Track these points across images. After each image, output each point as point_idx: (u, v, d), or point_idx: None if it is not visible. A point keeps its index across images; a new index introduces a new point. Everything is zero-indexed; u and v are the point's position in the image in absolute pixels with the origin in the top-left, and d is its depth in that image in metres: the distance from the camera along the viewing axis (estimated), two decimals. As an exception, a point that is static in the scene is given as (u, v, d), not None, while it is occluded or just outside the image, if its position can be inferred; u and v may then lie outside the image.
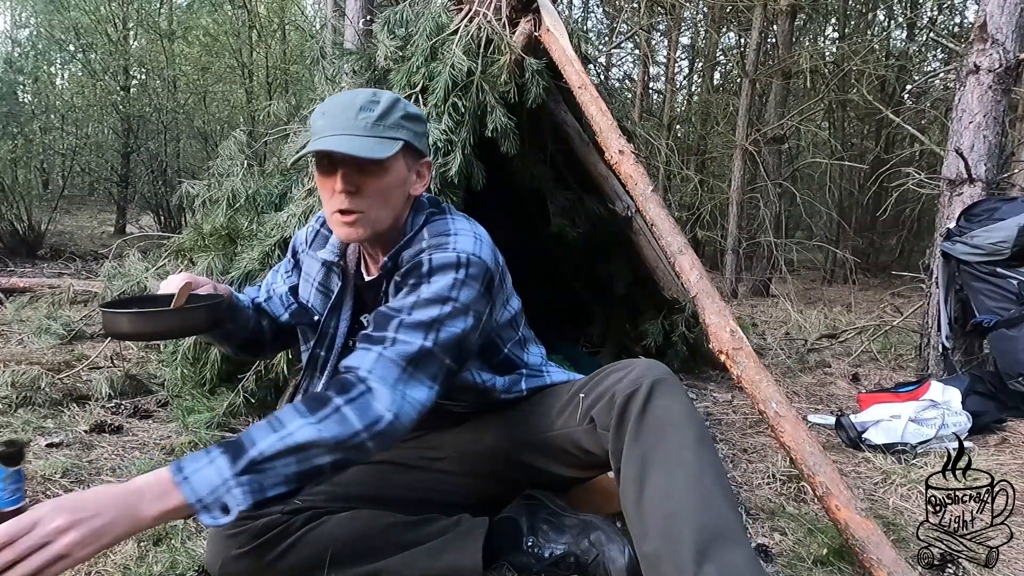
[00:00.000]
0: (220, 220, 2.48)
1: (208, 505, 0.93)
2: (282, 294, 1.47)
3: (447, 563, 1.26)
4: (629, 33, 8.87)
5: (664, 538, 1.01)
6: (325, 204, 1.22)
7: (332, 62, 2.69)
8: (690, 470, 1.04)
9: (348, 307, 1.34)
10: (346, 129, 1.14)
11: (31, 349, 2.99)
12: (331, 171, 1.17)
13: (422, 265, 1.17)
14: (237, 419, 2.21)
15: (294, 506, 1.26)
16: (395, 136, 1.17)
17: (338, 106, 1.18)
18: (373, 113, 1.15)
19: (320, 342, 1.35)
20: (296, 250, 1.47)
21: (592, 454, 1.20)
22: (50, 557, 0.84)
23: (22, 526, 0.85)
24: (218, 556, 1.22)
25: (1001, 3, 2.86)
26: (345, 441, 1.01)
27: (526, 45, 2.44)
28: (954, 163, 2.95)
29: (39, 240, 6.75)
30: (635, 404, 1.10)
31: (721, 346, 1.74)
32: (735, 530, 1.01)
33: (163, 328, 1.25)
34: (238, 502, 0.94)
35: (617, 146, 2.13)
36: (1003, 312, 2.64)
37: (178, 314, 1.24)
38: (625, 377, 1.15)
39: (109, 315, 1.22)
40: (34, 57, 9.05)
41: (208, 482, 0.93)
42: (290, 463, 0.98)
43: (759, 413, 1.64)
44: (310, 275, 1.40)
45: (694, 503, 1.01)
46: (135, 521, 0.90)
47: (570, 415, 1.24)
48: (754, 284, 7.04)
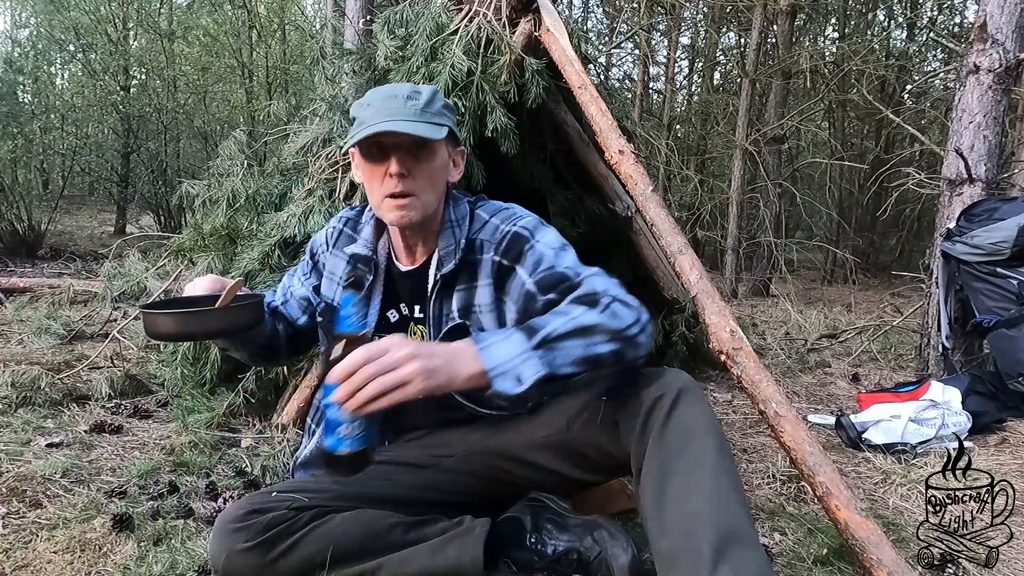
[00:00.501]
0: (220, 220, 2.48)
1: (504, 372, 1.01)
2: (300, 297, 1.48)
3: (449, 559, 1.27)
4: (629, 33, 8.87)
5: (683, 536, 1.03)
6: (374, 191, 1.27)
7: (332, 62, 2.69)
8: (711, 474, 1.06)
9: (377, 302, 1.37)
10: (398, 115, 1.21)
11: (31, 349, 2.99)
12: (381, 158, 1.23)
13: (519, 234, 1.28)
14: (237, 419, 2.21)
15: (301, 503, 1.26)
16: (441, 122, 1.25)
17: (382, 97, 1.25)
18: (419, 101, 1.23)
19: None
20: (314, 252, 1.48)
21: (611, 456, 1.21)
22: (396, 380, 0.95)
23: (378, 349, 0.97)
24: (223, 550, 1.22)
25: (1001, 3, 2.86)
26: (622, 331, 1.10)
27: (526, 45, 2.44)
28: (954, 163, 2.95)
29: (39, 240, 6.75)
30: (662, 409, 1.13)
31: (721, 346, 1.74)
32: (750, 534, 1.04)
33: (211, 327, 1.24)
34: (533, 371, 1.01)
35: (617, 146, 2.13)
36: (1003, 312, 2.64)
37: (224, 313, 1.23)
38: (653, 383, 1.17)
39: (153, 316, 1.21)
40: (34, 57, 9.07)
41: (506, 353, 1.02)
42: (578, 345, 1.06)
43: (759, 413, 1.64)
44: (335, 273, 1.42)
45: (713, 505, 1.04)
46: (453, 376, 1.00)
47: (590, 417, 1.25)
48: (754, 284, 7.04)
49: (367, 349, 0.97)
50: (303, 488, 1.31)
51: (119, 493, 1.64)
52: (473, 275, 1.30)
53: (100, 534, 1.44)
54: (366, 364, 0.96)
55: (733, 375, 1.70)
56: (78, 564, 1.34)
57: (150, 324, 1.22)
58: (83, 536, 1.43)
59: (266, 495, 1.30)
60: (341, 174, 2.36)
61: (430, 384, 0.98)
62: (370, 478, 1.36)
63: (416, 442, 1.45)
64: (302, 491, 1.29)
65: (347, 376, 0.96)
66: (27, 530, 1.46)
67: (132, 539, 1.42)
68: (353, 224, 1.45)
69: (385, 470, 1.39)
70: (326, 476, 1.36)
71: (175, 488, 1.69)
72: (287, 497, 1.27)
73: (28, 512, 1.55)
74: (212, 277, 1.32)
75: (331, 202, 2.30)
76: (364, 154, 1.26)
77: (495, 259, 1.28)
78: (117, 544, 1.41)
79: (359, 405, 0.96)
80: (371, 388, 0.95)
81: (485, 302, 1.30)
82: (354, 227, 1.44)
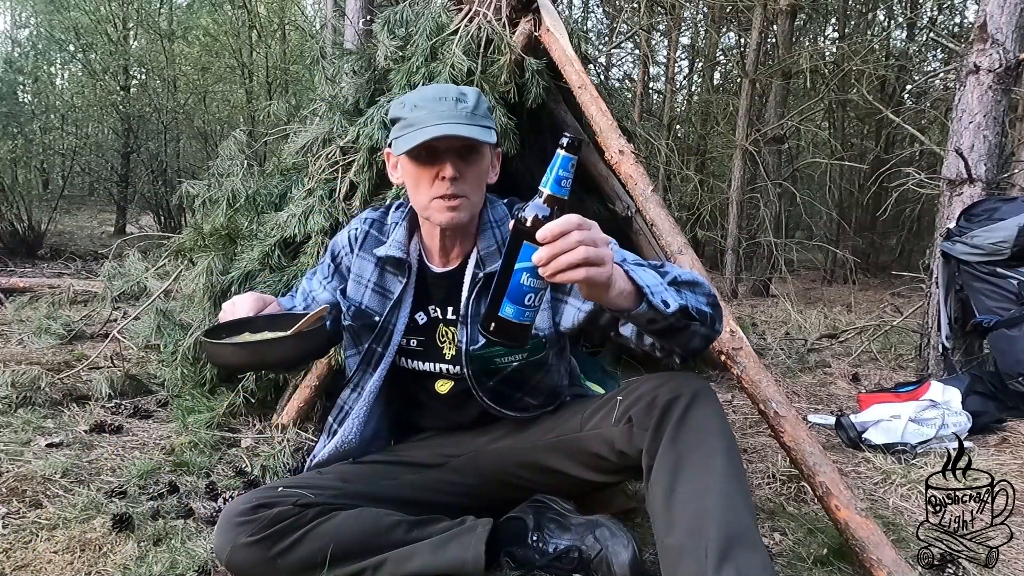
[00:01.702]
0: (220, 220, 2.48)
1: (654, 293, 1.03)
2: (323, 301, 1.46)
3: (450, 557, 1.27)
4: (629, 33, 8.86)
5: (690, 533, 1.05)
6: (422, 193, 1.27)
7: (332, 62, 2.68)
8: (721, 476, 1.09)
9: (408, 303, 1.37)
10: (452, 118, 1.22)
11: (31, 349, 2.99)
12: (430, 161, 1.24)
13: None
14: (237, 419, 2.21)
15: (306, 499, 1.27)
16: (488, 124, 1.28)
17: (431, 99, 1.25)
18: (468, 104, 1.25)
19: (379, 338, 1.38)
20: (336, 255, 1.47)
21: (623, 454, 1.23)
22: (598, 256, 0.93)
23: (585, 221, 0.94)
24: (227, 543, 1.23)
25: (1001, 3, 2.86)
26: (713, 296, 1.16)
27: (526, 45, 2.44)
28: (954, 163, 2.95)
29: (39, 240, 6.75)
30: (677, 409, 1.15)
31: (721, 346, 1.74)
32: (755, 536, 1.07)
33: (290, 355, 1.19)
34: (675, 301, 1.05)
35: (617, 146, 2.13)
36: (1003, 312, 2.64)
37: (298, 339, 1.18)
38: (668, 383, 1.20)
39: (222, 347, 1.15)
40: (34, 57, 9.07)
41: (651, 279, 1.06)
42: (692, 296, 1.10)
43: (759, 413, 1.64)
44: (362, 276, 1.42)
45: (722, 505, 1.06)
46: (613, 282, 0.99)
47: (603, 417, 1.27)
48: (754, 284, 7.03)
49: (577, 216, 0.94)
50: (309, 485, 1.32)
51: (119, 493, 1.64)
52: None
53: (100, 534, 1.44)
54: (579, 230, 0.92)
55: (733, 375, 1.70)
56: (78, 564, 1.34)
57: (218, 354, 1.17)
58: (83, 536, 1.43)
59: (272, 490, 1.30)
60: (341, 174, 2.36)
61: (603, 275, 0.95)
62: (375, 477, 1.37)
63: (423, 443, 1.46)
64: (308, 487, 1.30)
65: (558, 236, 0.91)
66: (27, 530, 1.46)
67: (132, 539, 1.42)
68: (379, 226, 1.44)
69: (391, 470, 1.40)
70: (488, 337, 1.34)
71: (175, 488, 1.69)
72: (293, 493, 1.28)
73: (28, 512, 1.55)
74: (253, 296, 1.29)
75: (331, 202, 2.30)
76: (413, 156, 1.25)
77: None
78: (117, 544, 1.41)
79: (559, 269, 0.91)
80: (578, 253, 0.91)
81: None
82: (380, 228, 1.44)
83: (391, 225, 1.42)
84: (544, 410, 1.40)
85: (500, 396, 1.38)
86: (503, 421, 1.41)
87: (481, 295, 1.33)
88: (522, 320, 0.97)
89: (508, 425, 1.40)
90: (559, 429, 1.33)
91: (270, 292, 2.20)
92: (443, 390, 1.41)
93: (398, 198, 2.20)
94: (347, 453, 1.41)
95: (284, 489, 1.29)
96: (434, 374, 1.41)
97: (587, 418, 1.30)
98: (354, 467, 1.41)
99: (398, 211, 1.44)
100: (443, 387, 1.41)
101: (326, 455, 1.42)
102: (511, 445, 1.38)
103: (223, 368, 1.21)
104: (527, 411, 1.40)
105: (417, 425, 1.48)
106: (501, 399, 1.38)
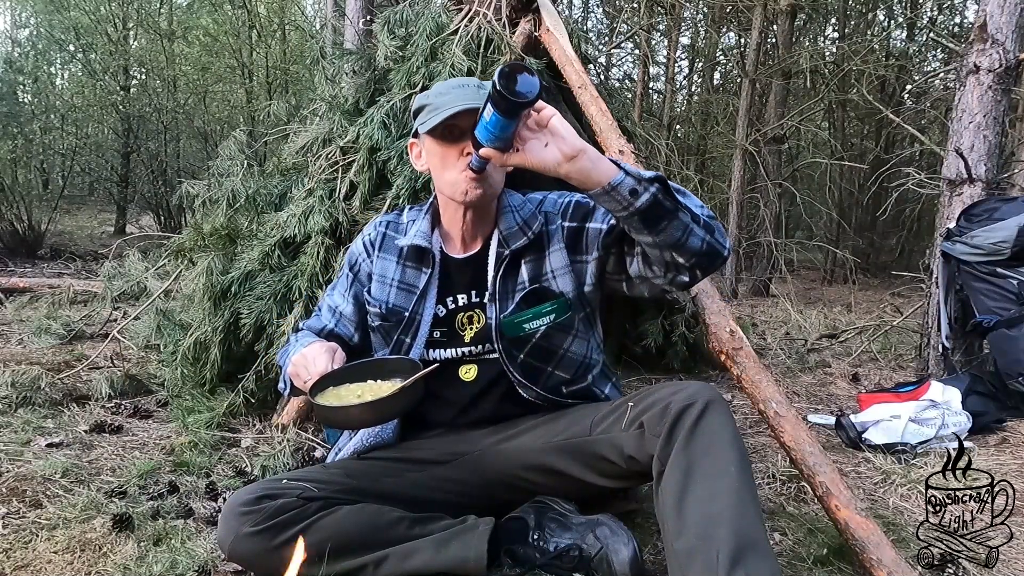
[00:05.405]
0: (220, 220, 2.48)
1: (628, 176, 1.12)
2: (349, 316, 1.50)
3: (452, 555, 1.28)
4: (629, 33, 8.86)
5: (701, 537, 1.06)
6: (448, 170, 1.33)
7: (332, 62, 2.68)
8: (733, 483, 1.10)
9: (433, 294, 1.41)
10: (474, 100, 1.27)
11: (31, 349, 2.99)
12: (454, 139, 1.31)
13: (580, 201, 1.41)
14: (237, 419, 2.21)
15: (310, 492, 1.27)
16: None
17: (453, 87, 1.34)
18: (487, 90, 1.28)
19: (407, 328, 1.41)
20: (354, 263, 1.50)
21: (633, 459, 1.23)
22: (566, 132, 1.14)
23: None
24: (230, 532, 1.23)
25: (1001, 3, 2.86)
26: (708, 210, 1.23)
27: (526, 45, 2.44)
28: (954, 163, 2.95)
29: (39, 240, 6.75)
30: (689, 416, 1.16)
31: (721, 346, 1.74)
32: (766, 546, 1.07)
33: (406, 407, 1.26)
34: (647, 190, 1.12)
35: (617, 146, 2.13)
36: (1003, 312, 2.63)
37: (407, 394, 1.23)
38: (681, 392, 1.21)
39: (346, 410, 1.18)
40: (34, 57, 9.08)
41: (634, 170, 1.14)
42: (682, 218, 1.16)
43: (759, 413, 1.64)
44: (385, 276, 1.45)
45: (733, 512, 1.06)
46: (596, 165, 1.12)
47: (614, 422, 1.28)
48: (754, 284, 7.03)
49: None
50: (313, 478, 1.33)
51: (119, 493, 1.64)
52: (541, 246, 1.39)
53: (100, 534, 1.44)
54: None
55: (733, 375, 1.70)
56: (78, 564, 1.34)
57: (339, 417, 1.21)
58: (83, 536, 1.43)
59: (276, 482, 1.32)
60: (341, 174, 2.36)
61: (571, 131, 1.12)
62: (380, 473, 1.38)
63: (430, 440, 1.46)
64: (312, 481, 1.31)
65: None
66: (27, 530, 1.46)
67: (132, 539, 1.42)
68: (394, 226, 1.49)
69: (395, 467, 1.41)
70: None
71: (175, 488, 1.69)
72: (297, 485, 1.29)
73: (28, 512, 1.55)
74: (323, 347, 1.30)
75: (331, 202, 2.30)
76: (439, 136, 1.31)
77: (565, 224, 1.39)
78: (117, 544, 1.41)
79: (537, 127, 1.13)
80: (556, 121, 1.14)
81: (558, 266, 1.38)
82: (395, 228, 1.49)
83: (407, 223, 1.48)
84: (567, 401, 1.41)
85: (531, 371, 1.39)
86: (514, 419, 1.41)
87: (508, 273, 1.37)
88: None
89: (518, 425, 1.40)
90: (568, 431, 1.34)
91: (270, 292, 2.21)
92: (468, 376, 1.42)
93: (398, 198, 2.20)
94: (383, 445, 1.45)
95: (288, 482, 1.30)
96: (456, 359, 1.42)
97: (597, 422, 1.31)
98: (359, 463, 1.41)
99: (414, 210, 1.50)
100: (468, 374, 1.42)
101: (347, 454, 1.45)
102: (518, 445, 1.38)
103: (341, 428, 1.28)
104: (556, 394, 1.40)
105: (427, 421, 1.48)
106: (532, 375, 1.39)
